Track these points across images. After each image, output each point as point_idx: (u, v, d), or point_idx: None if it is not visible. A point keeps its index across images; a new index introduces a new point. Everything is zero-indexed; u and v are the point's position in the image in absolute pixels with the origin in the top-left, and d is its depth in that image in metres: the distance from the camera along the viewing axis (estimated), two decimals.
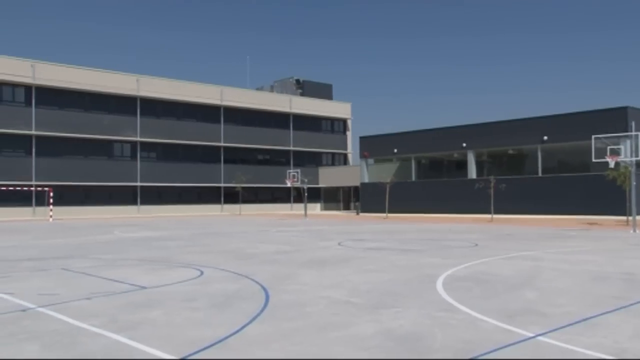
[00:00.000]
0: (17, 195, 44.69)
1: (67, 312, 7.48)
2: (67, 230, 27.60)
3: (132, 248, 17.38)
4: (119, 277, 10.79)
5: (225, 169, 58.33)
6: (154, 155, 54.44)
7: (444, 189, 46.31)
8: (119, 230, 27.15)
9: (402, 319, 7.02)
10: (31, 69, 46.89)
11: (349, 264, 12.85)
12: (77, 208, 48.38)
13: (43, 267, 12.43)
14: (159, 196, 54.19)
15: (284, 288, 9.39)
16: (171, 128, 54.79)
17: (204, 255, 14.76)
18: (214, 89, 58.09)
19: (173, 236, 22.84)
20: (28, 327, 6.65)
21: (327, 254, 15.07)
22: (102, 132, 50.58)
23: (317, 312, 7.49)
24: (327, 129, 68.33)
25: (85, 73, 49.81)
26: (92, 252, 15.98)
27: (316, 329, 6.48)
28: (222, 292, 9.03)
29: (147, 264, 12.97)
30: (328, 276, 10.83)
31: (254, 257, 14.45)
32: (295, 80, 68.58)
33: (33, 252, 16.10)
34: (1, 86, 46.10)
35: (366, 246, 17.57)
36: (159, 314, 7.36)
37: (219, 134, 58.32)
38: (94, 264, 12.96)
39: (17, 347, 5.77)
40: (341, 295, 8.73)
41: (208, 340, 6.00)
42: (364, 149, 53.19)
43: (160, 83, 54.44)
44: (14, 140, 46.60)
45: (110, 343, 5.94)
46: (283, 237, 21.84)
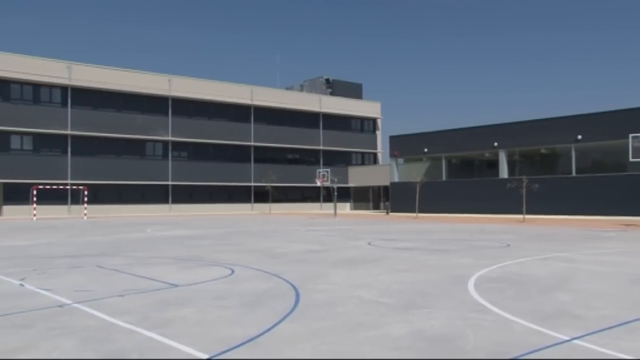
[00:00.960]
0: (54, 194, 45.70)
1: (101, 308, 7.61)
2: (101, 228, 28.10)
3: (164, 246, 17.60)
4: (151, 275, 10.93)
5: (256, 168, 58.67)
6: (185, 155, 55.09)
7: (475, 189, 45.78)
8: (151, 229, 27.53)
9: (434, 319, 6.95)
10: (67, 71, 47.91)
11: (379, 263, 12.80)
12: (110, 206, 49.26)
13: (78, 264, 12.67)
14: (190, 195, 54.80)
15: (314, 287, 9.39)
16: (202, 127, 55.35)
17: (234, 254, 14.86)
18: (244, 89, 58.49)
19: (204, 235, 23.06)
20: (65, 323, 6.78)
21: (357, 254, 15.03)
22: (135, 132, 51.41)
23: (347, 312, 7.47)
24: (357, 128, 68.20)
25: (118, 74, 50.67)
26: (125, 250, 16.23)
27: (347, 329, 6.46)
28: (252, 290, 9.08)
29: (179, 262, 13.11)
30: (358, 276, 10.80)
31: (284, 256, 14.49)
32: (325, 79, 68.63)
33: (69, 250, 16.43)
34: (39, 87, 47.22)
35: (396, 246, 17.48)
36: (191, 312, 7.43)
37: (249, 134, 58.70)
38: (127, 262, 13.16)
39: (55, 342, 5.89)
40: (372, 295, 8.69)
41: (239, 338, 6.03)
42: (394, 148, 52.89)
43: (191, 83, 55.05)
44: (51, 140, 47.69)
45: (143, 340, 6.02)
46: (313, 237, 21.86)
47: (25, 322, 6.82)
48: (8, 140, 46.12)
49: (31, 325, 6.65)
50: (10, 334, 6.28)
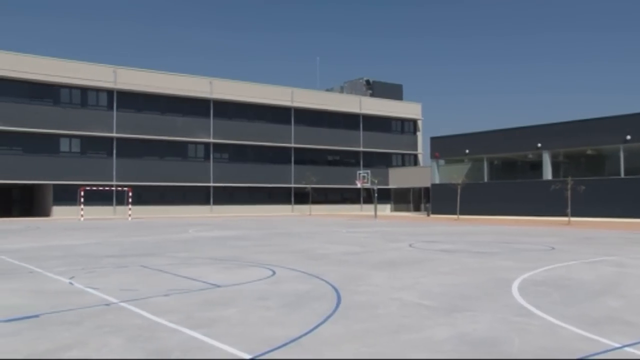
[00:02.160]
0: (100, 195, 46.90)
1: (146, 307, 7.75)
2: (144, 229, 28.68)
3: (206, 247, 17.84)
4: (194, 275, 11.09)
5: (296, 170, 58.94)
6: (226, 156, 55.75)
7: (518, 191, 44.94)
8: (193, 230, 27.94)
9: (477, 323, 6.85)
10: (113, 75, 49.12)
11: (420, 265, 12.68)
12: (153, 207, 50.23)
13: (124, 264, 12.95)
14: (231, 196, 55.42)
15: (355, 289, 9.37)
16: (243, 129, 55.92)
17: (275, 255, 14.95)
18: (284, 91, 58.85)
19: (245, 236, 23.28)
20: (112, 321, 6.95)
21: (398, 256, 14.93)
22: (177, 134, 52.32)
23: (389, 314, 7.42)
24: (397, 129, 67.83)
25: (161, 77, 51.67)
26: (168, 250, 16.51)
27: (388, 331, 6.43)
28: (293, 291, 9.11)
29: (221, 263, 13.27)
30: (399, 278, 10.72)
31: (325, 257, 14.50)
32: (365, 80, 68.48)
33: (115, 250, 16.82)
34: (86, 91, 48.57)
35: (438, 248, 17.29)
36: (233, 312, 7.51)
37: (290, 135, 59.02)
38: (170, 262, 13.39)
39: (103, 339, 6.04)
40: (413, 297, 8.62)
41: (281, 339, 6.06)
42: (435, 149, 52.38)
43: (232, 85, 55.70)
44: (97, 142, 48.97)
45: (187, 339, 6.10)
46: (353, 238, 21.82)
47: (75, 320, 7.01)
48: (57, 142, 47.56)
49: (80, 323, 6.83)
50: (62, 330, 6.47)
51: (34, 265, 12.77)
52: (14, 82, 45.26)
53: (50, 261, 13.57)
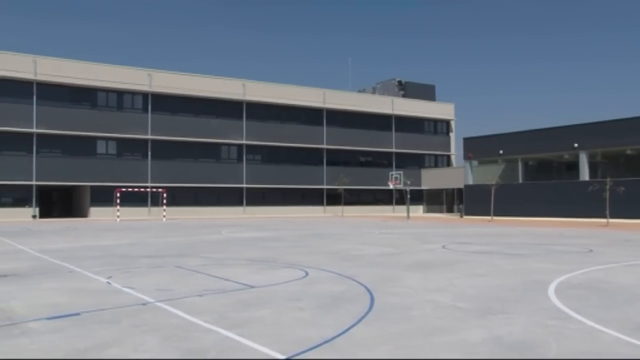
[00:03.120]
0: (135, 196, 47.71)
1: (181, 307, 7.87)
2: (179, 230, 29.07)
3: (239, 248, 17.99)
4: (227, 275, 11.20)
5: (328, 171, 59.01)
6: (259, 158, 56.13)
7: (553, 192, 44.13)
8: (226, 230, 28.20)
9: (512, 325, 6.75)
10: (148, 78, 49.96)
11: (454, 267, 12.57)
12: (187, 208, 50.86)
13: (159, 264, 13.16)
14: (264, 197, 55.77)
15: (388, 290, 9.34)
16: (275, 131, 56.23)
17: (308, 256, 14.99)
18: (316, 92, 58.98)
19: (278, 237, 23.40)
20: (148, 320, 7.07)
21: (431, 257, 14.82)
22: (210, 136, 52.90)
23: (422, 315, 7.38)
24: (430, 130, 67.36)
25: (195, 79, 52.32)
26: (202, 251, 16.71)
27: (422, 333, 6.39)
28: (327, 293, 9.13)
29: (254, 264, 13.37)
30: (433, 279, 10.65)
31: (358, 258, 14.48)
32: (397, 81, 68.17)
33: (150, 250, 17.10)
34: (122, 94, 49.52)
35: (471, 249, 17.10)
36: (267, 313, 7.56)
37: (322, 136, 59.12)
38: (204, 263, 13.54)
39: (140, 338, 6.16)
40: (447, 299, 8.55)
41: (315, 340, 6.08)
42: (468, 150, 51.82)
43: (265, 87, 56.06)
44: (133, 144, 49.86)
45: (221, 339, 6.17)
46: (386, 239, 21.74)
47: (112, 318, 7.16)
48: (94, 145, 48.58)
49: (118, 322, 6.98)
50: (100, 329, 6.62)
51: (74, 264, 13.07)
52: (54, 86, 46.41)
53: (88, 261, 13.88)
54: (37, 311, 7.68)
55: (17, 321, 7.10)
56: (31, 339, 6.18)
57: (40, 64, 45.88)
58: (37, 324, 6.95)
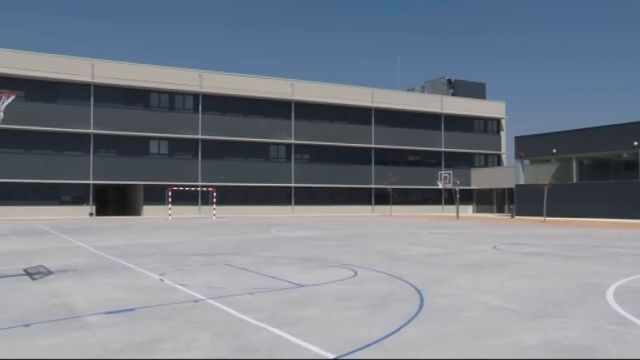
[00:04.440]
0: (186, 195, 48.69)
1: (232, 305, 7.99)
2: (228, 228, 29.50)
3: (288, 247, 18.13)
4: (277, 274, 11.31)
5: (376, 170, 58.79)
6: (307, 157, 56.38)
7: (610, 192, 42.67)
8: (275, 229, 28.45)
9: (568, 329, 6.58)
10: (199, 79, 50.90)
11: (505, 268, 12.33)
12: (236, 207, 51.53)
13: (210, 262, 13.39)
14: (312, 197, 55.99)
15: (438, 291, 9.24)
16: (323, 130, 56.37)
17: (357, 256, 14.98)
18: (364, 91, 58.84)
19: (326, 236, 23.46)
20: (200, 317, 7.21)
21: (482, 258, 14.58)
22: (259, 136, 53.45)
23: (473, 317, 7.27)
24: (480, 129, 66.26)
25: (244, 80, 52.99)
26: (252, 250, 16.91)
27: (474, 335, 6.30)
28: (376, 292, 9.10)
29: (303, 263, 13.44)
30: (484, 281, 10.48)
31: (407, 258, 14.39)
32: (446, 80, 67.31)
33: (201, 248, 17.43)
34: (174, 95, 50.60)
35: (523, 251, 16.73)
36: (316, 312, 7.59)
37: (370, 136, 58.93)
38: (254, 261, 13.71)
39: (193, 334, 6.29)
40: (499, 301, 8.39)
41: (364, 340, 6.08)
42: (520, 149, 50.67)
43: (312, 87, 56.27)
44: (184, 144, 50.90)
45: (272, 337, 6.24)
46: (435, 239, 21.51)
47: (166, 314, 7.34)
48: (147, 145, 49.82)
49: (171, 318, 7.14)
50: (155, 324, 6.79)
51: (128, 261, 13.45)
52: (110, 88, 47.83)
53: (142, 258, 14.25)
54: (96, 305, 7.95)
55: (78, 315, 7.37)
56: (91, 332, 6.40)
57: (97, 67, 47.34)
58: (96, 317, 7.19)
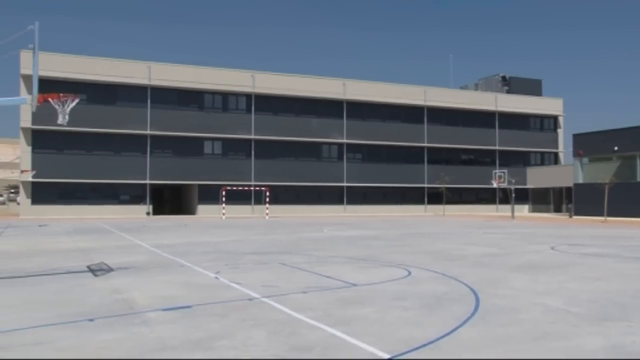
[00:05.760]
0: (239, 194, 49.39)
1: (286, 303, 8.05)
2: (281, 227, 29.75)
3: (341, 246, 18.14)
4: (330, 273, 11.33)
5: (429, 170, 58.14)
6: (359, 157, 56.26)
7: None
8: (327, 229, 28.52)
9: (635, 334, 6.32)
10: (251, 79, 51.55)
11: (565, 270, 11.97)
12: (289, 206, 51.89)
13: (264, 261, 13.55)
14: (364, 196, 55.84)
15: (494, 292, 9.06)
16: (376, 129, 56.14)
17: (410, 256, 14.86)
18: (417, 90, 58.28)
19: (379, 235, 23.36)
20: (255, 315, 7.30)
21: (539, 258, 14.21)
22: (311, 135, 53.67)
23: (532, 319, 7.10)
24: (536, 126, 64.60)
25: (296, 80, 53.34)
26: (305, 249, 17.01)
27: (533, 338, 6.14)
28: (430, 292, 9.00)
29: (356, 262, 13.43)
30: (542, 282, 10.21)
31: (461, 258, 14.17)
32: (501, 77, 65.90)
33: (254, 247, 17.65)
34: (227, 96, 51.44)
35: (584, 251, 16.20)
36: (370, 311, 7.57)
37: (423, 135, 58.33)
38: (307, 260, 13.78)
39: (248, 332, 6.38)
40: (558, 303, 8.16)
41: (419, 340, 6.02)
42: (578, 147, 49.08)
43: (364, 86, 56.12)
44: (237, 144, 51.66)
45: (326, 336, 6.25)
46: (490, 239, 21.10)
47: (221, 312, 7.47)
48: (202, 145, 50.83)
49: (227, 315, 7.26)
50: (211, 321, 6.92)
51: (184, 259, 13.75)
52: (165, 90, 49.06)
53: (197, 256, 14.55)
54: (154, 302, 8.16)
55: (138, 311, 7.59)
56: (150, 328, 6.58)
57: (154, 70, 48.60)
58: (155, 314, 7.38)
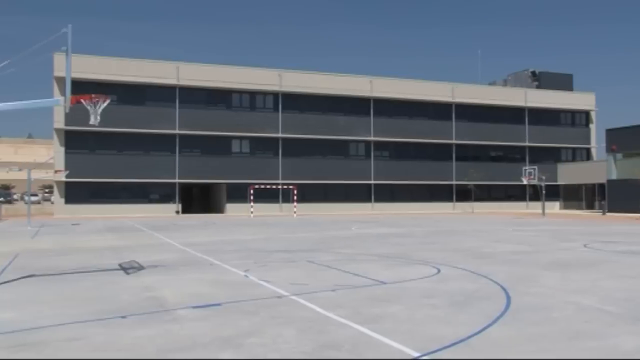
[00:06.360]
0: (267, 193, 49.61)
1: (315, 301, 8.06)
2: (309, 225, 29.80)
3: (369, 244, 18.10)
4: (359, 271, 11.31)
5: (457, 167, 57.62)
6: (387, 154, 56.03)
7: None
8: (355, 226, 28.48)
9: None
10: (278, 78, 51.71)
11: (598, 268, 11.76)
12: (317, 204, 51.91)
13: (292, 259, 13.59)
14: (392, 194, 55.61)
15: (525, 290, 8.95)
16: (403, 127, 55.84)
17: (439, 253, 14.75)
18: (444, 86, 57.80)
19: (407, 233, 23.24)
20: (284, 313, 7.33)
21: (571, 256, 13.98)
22: (338, 133, 53.61)
23: (565, 318, 6.99)
24: (567, 122, 63.49)
25: (323, 78, 53.33)
26: (333, 247, 17.01)
27: (566, 337, 6.04)
28: (460, 290, 8.93)
29: (385, 260, 13.39)
30: (574, 280, 10.04)
31: (491, 256, 14.02)
32: (530, 72, 64.92)
33: (283, 245, 17.72)
34: (255, 95, 51.69)
35: (618, 249, 15.88)
36: (400, 309, 7.54)
37: (451, 131, 57.83)
38: (336, 258, 13.78)
39: (278, 330, 6.41)
40: (592, 301, 8.01)
41: (449, 338, 5.98)
42: (612, 142, 48.11)
43: (392, 83, 55.86)
44: (265, 142, 51.88)
45: (355, 334, 6.25)
46: (520, 237, 20.83)
47: (251, 310, 7.51)
48: (229, 144, 51.17)
49: (256, 313, 7.31)
50: (241, 319, 6.97)
51: (213, 257, 13.88)
52: (194, 90, 49.51)
53: (226, 254, 14.66)
54: (184, 300, 8.26)
55: (168, 308, 7.69)
56: (181, 325, 6.66)
57: (182, 70, 49.09)
58: (185, 311, 7.47)
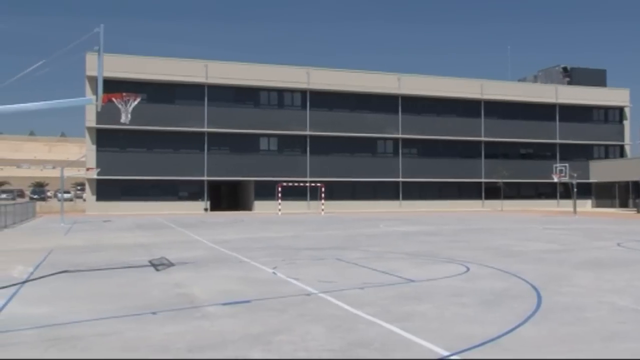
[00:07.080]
0: (295, 190, 49.73)
1: (343, 299, 8.06)
2: (337, 223, 29.80)
3: (397, 242, 18.02)
4: (387, 269, 11.28)
5: (486, 164, 56.96)
6: (415, 152, 55.68)
7: None
8: (384, 224, 28.38)
9: None
10: (306, 76, 51.77)
11: (633, 267, 11.52)
12: (344, 202, 51.87)
13: (320, 257, 13.61)
14: (420, 191, 55.24)
15: (556, 289, 8.81)
16: (431, 124, 55.42)
17: (468, 251, 14.62)
18: (473, 83, 57.18)
19: (436, 231, 23.08)
20: (313, 310, 7.35)
21: (605, 255, 13.72)
22: (367, 131, 53.45)
23: (598, 318, 6.86)
24: (600, 119, 62.24)
25: (350, 75, 53.21)
26: (361, 245, 16.99)
27: (600, 338, 5.94)
28: (489, 289, 8.84)
29: (413, 258, 13.32)
30: (608, 279, 9.85)
31: (521, 254, 13.84)
32: (562, 68, 63.80)
33: (310, 242, 17.76)
34: (283, 93, 51.84)
35: None
36: (429, 308, 7.50)
37: (480, 129, 57.19)
38: (364, 256, 13.76)
39: (306, 327, 6.43)
40: (627, 302, 7.86)
41: (479, 337, 5.92)
42: None
43: (419, 80, 55.47)
44: (293, 140, 52.00)
45: (385, 332, 6.23)
46: (551, 235, 20.51)
47: (280, 307, 7.55)
48: (257, 141, 51.43)
49: (285, 310, 7.34)
50: (270, 316, 7.01)
51: (242, 255, 13.97)
52: (222, 88, 49.86)
53: (255, 252, 14.75)
54: (214, 296, 8.33)
55: (198, 305, 7.77)
56: (210, 322, 6.73)
57: (211, 68, 49.50)
58: (214, 308, 7.54)
